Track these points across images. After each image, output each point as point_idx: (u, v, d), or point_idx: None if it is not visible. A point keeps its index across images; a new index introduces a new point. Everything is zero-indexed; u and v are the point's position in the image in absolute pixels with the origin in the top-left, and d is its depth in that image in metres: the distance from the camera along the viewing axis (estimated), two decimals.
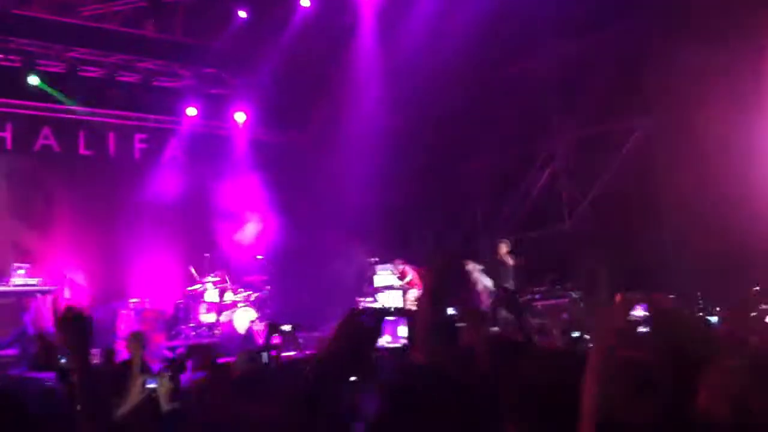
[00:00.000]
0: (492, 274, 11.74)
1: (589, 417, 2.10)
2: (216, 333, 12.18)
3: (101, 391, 2.25)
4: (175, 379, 3.86)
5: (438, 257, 13.14)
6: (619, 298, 2.33)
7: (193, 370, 3.90)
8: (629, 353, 2.42)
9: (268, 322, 9.60)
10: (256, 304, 12.70)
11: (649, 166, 10.99)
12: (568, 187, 12.82)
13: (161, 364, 7.37)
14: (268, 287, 13.18)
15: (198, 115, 14.56)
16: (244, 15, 13.52)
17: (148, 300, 12.37)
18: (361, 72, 13.98)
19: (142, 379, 3.82)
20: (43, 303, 11.12)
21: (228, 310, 12.53)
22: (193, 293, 12.78)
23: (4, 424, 2.73)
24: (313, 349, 7.71)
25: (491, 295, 11.48)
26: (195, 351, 8.74)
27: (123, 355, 9.42)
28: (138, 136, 14.61)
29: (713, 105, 9.69)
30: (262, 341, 10.72)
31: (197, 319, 12.54)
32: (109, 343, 10.54)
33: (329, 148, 14.43)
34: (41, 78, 12.97)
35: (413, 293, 12.62)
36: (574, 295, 10.88)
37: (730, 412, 2.02)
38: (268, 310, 12.77)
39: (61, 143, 13.69)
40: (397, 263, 13.12)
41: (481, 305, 11.12)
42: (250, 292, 12.87)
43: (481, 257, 12.29)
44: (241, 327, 12.21)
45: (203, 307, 12.61)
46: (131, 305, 12.06)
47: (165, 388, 3.72)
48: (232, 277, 13.12)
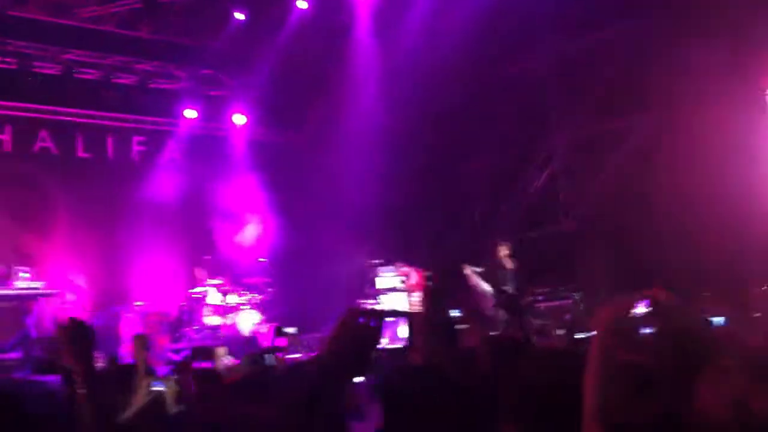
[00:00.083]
0: (491, 276, 11.53)
1: (592, 418, 2.12)
2: (220, 336, 12.18)
3: (106, 400, 2.26)
4: (181, 381, 3.89)
5: (437, 261, 13.18)
6: (618, 297, 2.34)
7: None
8: (630, 356, 2.44)
9: (273, 325, 9.62)
10: (259, 307, 12.71)
11: (649, 165, 10.98)
12: (568, 187, 12.81)
13: (166, 367, 7.40)
14: (271, 289, 13.18)
15: (197, 116, 14.54)
16: (242, 17, 13.50)
17: (151, 303, 12.38)
18: (359, 71, 13.95)
19: (147, 381, 3.84)
20: (45, 306, 11.13)
21: (232, 312, 12.54)
22: (196, 296, 12.79)
23: (5, 425, 2.75)
24: (316, 351, 7.72)
25: (491, 299, 11.37)
26: (199, 353, 8.77)
27: (127, 359, 9.46)
28: (136, 139, 14.61)
29: (713, 104, 9.69)
30: (266, 343, 10.75)
31: (201, 321, 12.53)
32: (113, 347, 10.60)
33: (328, 148, 14.41)
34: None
35: (417, 295, 12.58)
36: (577, 296, 10.83)
37: (731, 413, 2.04)
38: (272, 312, 12.78)
39: (59, 146, 13.70)
40: (399, 266, 13.09)
41: (481, 308, 11.06)
42: (253, 295, 12.88)
43: (480, 258, 12.16)
44: (245, 329, 12.22)
45: (207, 310, 12.60)
46: (134, 308, 12.06)
47: (171, 391, 3.75)
48: (234, 280, 13.12)
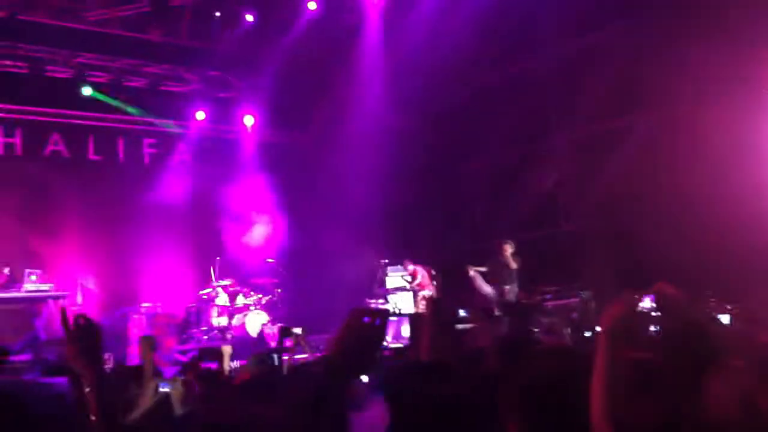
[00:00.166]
0: (497, 275, 11.53)
1: (601, 418, 2.10)
2: (228, 336, 12.20)
3: (114, 401, 2.26)
4: (188, 382, 3.88)
5: (439, 261, 13.18)
6: (624, 293, 2.32)
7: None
8: (636, 354, 2.42)
9: (280, 325, 9.62)
10: (267, 307, 12.73)
11: (649, 164, 10.92)
12: (568, 187, 12.76)
13: (174, 368, 7.41)
14: (279, 290, 13.21)
15: (205, 118, 14.63)
16: (251, 19, 13.53)
17: (159, 304, 12.40)
18: (363, 72, 13.97)
19: (154, 383, 3.83)
20: (55, 308, 11.18)
21: (240, 313, 12.56)
22: (204, 297, 12.82)
23: (12, 427, 2.75)
24: (323, 351, 7.72)
25: (494, 300, 11.35)
26: (206, 354, 8.78)
27: (135, 360, 9.49)
28: (147, 141, 14.70)
29: (713, 104, 9.64)
30: (274, 344, 10.75)
31: (209, 322, 12.55)
32: (121, 348, 10.64)
33: (333, 148, 14.42)
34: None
35: (425, 294, 12.60)
36: (584, 295, 10.80)
37: (739, 411, 2.02)
38: (280, 312, 12.80)
39: (70, 149, 13.81)
40: (407, 264, 13.11)
41: (486, 308, 11.06)
42: (261, 295, 12.90)
43: (482, 258, 12.12)
44: (253, 330, 12.24)
45: (215, 311, 12.63)
46: (143, 309, 12.09)
47: (178, 392, 3.74)
48: (242, 280, 13.14)
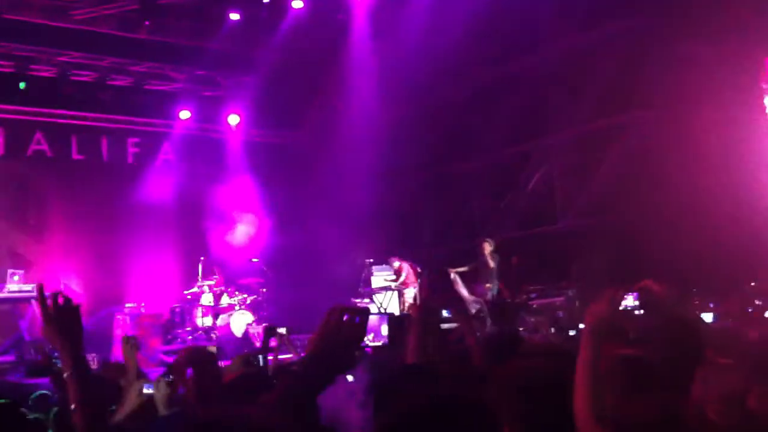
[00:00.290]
0: (477, 274, 11.57)
1: (587, 417, 2.09)
2: (213, 336, 12.15)
3: (96, 389, 2.21)
4: (173, 383, 3.83)
5: (433, 260, 13.18)
6: (607, 292, 2.32)
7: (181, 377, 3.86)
8: (623, 351, 2.41)
9: (265, 325, 9.59)
10: (252, 307, 12.68)
11: (647, 162, 10.96)
12: (567, 184, 12.77)
13: (159, 369, 7.35)
14: (264, 290, 13.16)
15: (191, 117, 14.53)
16: (237, 17, 13.44)
17: (143, 304, 12.33)
18: (355, 70, 13.89)
19: (139, 384, 3.79)
20: (38, 309, 11.09)
21: (224, 313, 12.50)
22: (189, 297, 12.76)
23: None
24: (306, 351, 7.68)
25: (470, 303, 11.33)
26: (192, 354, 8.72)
27: (119, 360, 9.40)
28: (131, 140, 14.58)
29: (712, 102, 9.70)
30: (259, 344, 10.70)
31: (194, 322, 12.50)
32: (105, 349, 10.56)
33: (324, 148, 14.38)
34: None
35: (410, 293, 12.57)
36: (570, 294, 10.82)
37: (726, 411, 2.02)
38: (265, 312, 12.75)
39: (53, 148, 13.67)
40: (392, 260, 13.06)
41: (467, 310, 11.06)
42: (246, 295, 12.85)
43: (467, 258, 12.13)
44: (238, 330, 12.18)
45: (200, 311, 12.57)
46: (127, 310, 12.02)
47: (162, 393, 3.70)
48: (227, 280, 13.09)
